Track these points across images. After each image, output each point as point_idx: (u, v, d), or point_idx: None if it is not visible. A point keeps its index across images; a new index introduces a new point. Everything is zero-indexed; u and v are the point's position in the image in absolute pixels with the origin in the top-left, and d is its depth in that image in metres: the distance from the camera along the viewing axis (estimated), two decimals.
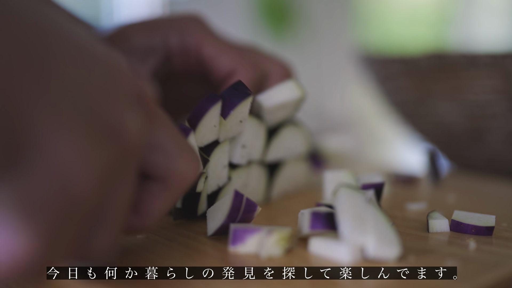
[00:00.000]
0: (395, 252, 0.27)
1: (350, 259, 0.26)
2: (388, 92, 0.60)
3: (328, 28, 2.01)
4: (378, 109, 0.74)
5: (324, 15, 2.02)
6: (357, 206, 0.27)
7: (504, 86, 0.50)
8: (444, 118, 0.55)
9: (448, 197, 0.42)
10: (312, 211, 0.28)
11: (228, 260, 0.27)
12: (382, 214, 0.27)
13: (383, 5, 2.19)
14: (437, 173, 0.47)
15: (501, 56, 0.49)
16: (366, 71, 0.63)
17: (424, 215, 0.36)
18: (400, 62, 0.56)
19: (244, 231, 0.28)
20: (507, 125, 0.51)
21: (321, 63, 2.00)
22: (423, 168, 0.52)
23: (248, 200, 0.30)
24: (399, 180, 0.47)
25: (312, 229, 0.28)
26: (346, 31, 2.12)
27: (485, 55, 0.50)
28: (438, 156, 0.48)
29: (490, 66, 0.49)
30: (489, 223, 0.32)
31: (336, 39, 2.02)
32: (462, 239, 0.31)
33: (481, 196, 0.43)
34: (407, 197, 0.42)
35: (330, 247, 0.27)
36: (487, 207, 0.39)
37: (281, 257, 0.27)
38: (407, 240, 0.30)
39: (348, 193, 0.28)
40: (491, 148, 0.54)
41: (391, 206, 0.39)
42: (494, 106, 0.51)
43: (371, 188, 0.34)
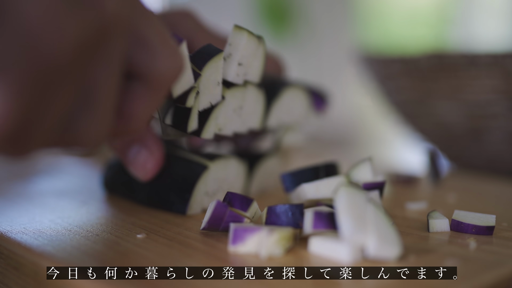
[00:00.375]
0: (395, 252, 0.27)
1: (350, 259, 0.26)
2: (388, 92, 0.60)
3: (328, 28, 2.01)
4: (378, 109, 0.74)
5: (324, 15, 2.02)
6: (357, 205, 0.27)
7: (504, 86, 0.50)
8: (444, 118, 0.55)
9: (448, 197, 0.42)
10: (315, 211, 0.28)
11: (228, 260, 0.27)
12: (382, 214, 0.27)
13: (383, 5, 2.19)
14: (437, 173, 0.47)
15: (501, 56, 0.49)
16: (366, 71, 0.63)
17: (424, 214, 0.36)
18: (400, 62, 0.56)
19: (244, 230, 0.28)
20: (507, 125, 0.51)
21: (321, 63, 1.99)
22: (423, 168, 0.52)
23: (232, 213, 0.30)
24: (399, 180, 0.47)
25: (315, 229, 0.28)
26: (346, 31, 2.12)
27: (485, 55, 0.50)
28: (438, 156, 0.48)
29: (490, 66, 0.49)
30: (490, 223, 0.32)
31: (336, 39, 2.02)
32: (463, 238, 0.31)
33: (481, 196, 0.43)
34: (407, 197, 0.42)
35: (330, 247, 0.27)
36: (487, 207, 0.39)
37: (281, 257, 0.27)
38: (407, 240, 0.30)
39: (349, 192, 0.28)
40: (491, 148, 0.54)
41: (391, 206, 0.39)
42: (494, 106, 0.51)
43: (372, 187, 0.34)
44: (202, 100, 0.33)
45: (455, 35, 2.13)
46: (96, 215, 0.35)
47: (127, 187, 0.38)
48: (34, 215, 0.35)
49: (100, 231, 0.32)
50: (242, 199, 0.31)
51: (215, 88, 0.33)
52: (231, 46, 0.34)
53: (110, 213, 0.36)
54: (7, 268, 0.30)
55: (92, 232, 0.31)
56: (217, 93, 0.33)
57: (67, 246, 0.29)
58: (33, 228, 0.32)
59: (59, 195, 0.41)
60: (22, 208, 0.37)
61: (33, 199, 0.40)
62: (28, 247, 0.29)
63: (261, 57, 0.36)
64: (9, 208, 0.37)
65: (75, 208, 0.37)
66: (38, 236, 0.30)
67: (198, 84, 0.32)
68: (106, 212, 0.36)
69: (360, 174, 0.35)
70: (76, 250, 0.28)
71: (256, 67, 0.35)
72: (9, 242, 0.30)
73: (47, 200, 0.39)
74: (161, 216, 0.35)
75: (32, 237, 0.30)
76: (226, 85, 0.34)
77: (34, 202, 0.39)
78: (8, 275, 0.29)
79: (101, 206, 0.38)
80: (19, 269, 0.29)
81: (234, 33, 0.34)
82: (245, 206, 0.31)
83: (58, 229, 0.32)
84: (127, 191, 0.38)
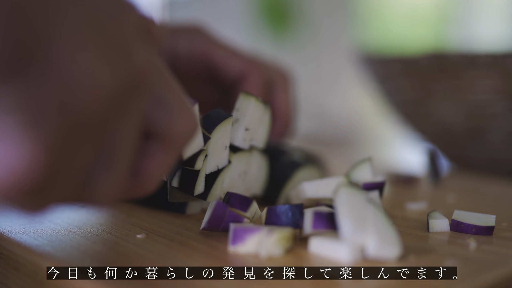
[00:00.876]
0: (395, 252, 0.27)
1: (350, 259, 0.26)
2: (388, 92, 0.60)
3: (328, 28, 2.01)
4: (378, 109, 0.74)
5: (324, 15, 2.02)
6: (357, 205, 0.27)
7: (504, 86, 0.50)
8: (444, 118, 0.55)
9: (448, 197, 0.42)
10: (314, 211, 0.28)
11: (228, 260, 0.27)
12: (382, 214, 0.27)
13: (383, 5, 2.19)
14: (437, 173, 0.47)
15: (501, 56, 0.49)
16: (366, 71, 0.63)
17: (424, 214, 0.36)
18: (400, 62, 0.56)
19: (244, 230, 0.28)
20: (507, 125, 0.51)
21: (321, 63, 2.00)
22: (423, 168, 0.52)
23: (232, 213, 0.30)
24: (399, 180, 0.47)
25: (315, 229, 0.28)
26: (346, 31, 2.12)
27: (485, 55, 0.50)
28: (438, 156, 0.48)
29: (490, 66, 0.49)
30: (489, 223, 0.32)
31: (336, 39, 2.02)
32: (462, 239, 0.31)
33: (481, 196, 0.43)
34: (407, 197, 0.42)
35: (330, 247, 0.27)
36: (487, 207, 0.39)
37: (281, 257, 0.27)
38: (407, 240, 0.30)
39: (349, 192, 0.28)
40: (491, 148, 0.54)
41: (391, 206, 0.39)
42: (494, 106, 0.51)
43: (372, 187, 0.34)
44: (210, 163, 0.33)
45: (455, 35, 2.13)
46: (96, 215, 0.35)
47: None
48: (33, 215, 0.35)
49: (100, 231, 0.32)
50: (242, 199, 0.31)
51: (222, 152, 0.34)
52: (238, 111, 0.35)
53: (110, 213, 0.36)
54: (7, 268, 0.30)
55: (92, 232, 0.31)
56: (224, 157, 0.34)
57: (67, 246, 0.29)
58: (33, 228, 0.32)
59: None
60: None
61: None
62: (27, 247, 0.29)
63: (267, 123, 0.37)
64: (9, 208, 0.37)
65: (75, 208, 0.37)
66: (38, 236, 0.30)
67: (207, 147, 0.33)
68: (106, 212, 0.36)
69: (360, 174, 0.35)
70: (76, 250, 0.28)
71: (262, 133, 0.37)
72: (9, 242, 0.30)
73: None
74: (161, 216, 0.35)
75: (31, 237, 0.30)
76: (233, 149, 0.35)
77: None
78: (8, 275, 0.29)
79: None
80: (19, 269, 0.29)
81: (242, 99, 0.35)
82: (245, 206, 0.31)
83: (58, 229, 0.32)
84: None
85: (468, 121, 0.53)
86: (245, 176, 0.37)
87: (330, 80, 2.05)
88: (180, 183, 0.33)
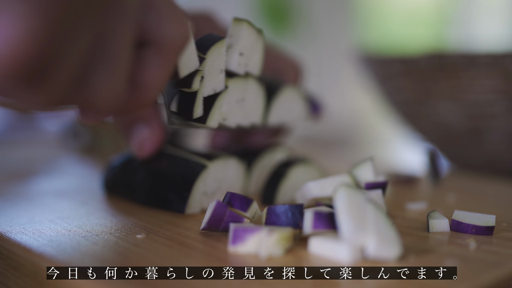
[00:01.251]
0: (395, 252, 0.26)
1: (350, 259, 0.26)
2: (388, 92, 0.60)
3: (328, 28, 2.01)
4: (378, 109, 0.74)
5: (324, 15, 2.02)
6: (357, 205, 0.27)
7: (504, 86, 0.50)
8: (444, 118, 0.55)
9: (448, 197, 0.42)
10: (314, 211, 0.28)
11: (228, 260, 0.27)
12: (382, 214, 0.27)
13: (383, 5, 2.19)
14: (437, 173, 0.47)
15: (501, 56, 0.49)
16: (366, 71, 0.63)
17: (424, 215, 0.36)
18: (400, 62, 0.56)
19: (244, 230, 0.28)
20: (507, 125, 0.51)
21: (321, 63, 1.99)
22: (423, 168, 0.52)
23: (232, 213, 0.30)
24: (399, 180, 0.47)
25: (315, 229, 0.28)
26: (346, 31, 2.12)
27: (485, 55, 0.50)
28: (438, 156, 0.48)
29: (490, 66, 0.49)
30: (489, 223, 0.32)
31: (336, 39, 2.01)
32: (462, 239, 0.31)
33: (481, 196, 0.43)
34: (407, 197, 0.42)
35: (330, 247, 0.27)
36: (487, 207, 0.39)
37: (281, 257, 0.27)
38: (407, 240, 0.30)
39: (349, 192, 0.28)
40: (491, 148, 0.54)
41: (391, 206, 0.39)
42: (494, 106, 0.51)
43: (375, 187, 0.34)
44: (207, 85, 0.34)
45: (455, 35, 2.13)
46: (96, 215, 0.35)
47: (127, 187, 0.38)
48: (33, 215, 0.35)
49: (100, 231, 0.32)
50: (242, 199, 0.31)
51: (218, 75, 0.34)
52: (231, 37, 0.35)
53: (110, 213, 0.36)
54: (7, 269, 0.30)
55: (92, 232, 0.31)
56: (221, 81, 0.35)
57: (66, 246, 0.29)
58: (33, 228, 0.32)
59: (58, 195, 0.41)
60: (21, 208, 0.37)
61: (33, 199, 0.40)
62: (27, 247, 0.29)
63: (261, 50, 0.37)
64: (9, 208, 0.37)
65: (75, 208, 0.37)
66: (38, 236, 0.30)
67: (203, 68, 0.33)
68: (106, 212, 0.36)
69: (361, 174, 0.35)
70: (76, 250, 0.28)
71: (256, 59, 0.37)
72: (9, 242, 0.30)
73: (47, 200, 0.39)
74: (160, 216, 0.35)
75: (31, 237, 0.30)
76: (229, 75, 0.36)
77: (33, 202, 0.39)
78: (7, 275, 0.29)
79: (101, 206, 0.38)
80: (19, 270, 0.29)
81: (234, 25, 0.35)
82: (245, 206, 0.31)
83: (58, 229, 0.32)
84: (127, 191, 0.38)
85: (468, 121, 0.53)
86: (243, 103, 0.37)
87: (330, 80, 2.05)
88: (178, 106, 0.33)
